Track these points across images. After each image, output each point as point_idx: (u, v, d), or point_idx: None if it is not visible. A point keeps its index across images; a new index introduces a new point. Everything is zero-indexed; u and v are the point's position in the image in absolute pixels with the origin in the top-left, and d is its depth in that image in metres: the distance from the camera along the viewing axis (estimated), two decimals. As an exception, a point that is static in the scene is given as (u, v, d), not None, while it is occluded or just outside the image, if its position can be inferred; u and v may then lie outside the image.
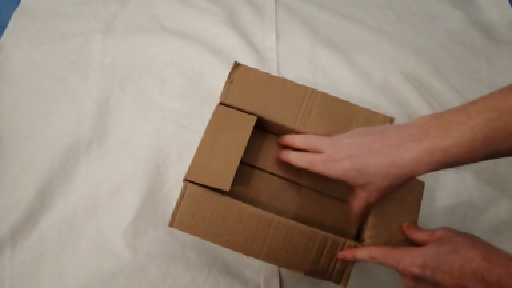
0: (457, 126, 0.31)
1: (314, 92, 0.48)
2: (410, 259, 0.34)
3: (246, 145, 0.44)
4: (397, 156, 0.34)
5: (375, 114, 0.48)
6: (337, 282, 0.41)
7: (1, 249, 0.50)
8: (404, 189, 0.43)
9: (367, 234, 0.42)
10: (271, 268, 0.51)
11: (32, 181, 0.54)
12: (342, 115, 0.47)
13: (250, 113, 0.46)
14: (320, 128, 0.46)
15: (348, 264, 0.41)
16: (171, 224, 0.41)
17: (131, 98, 0.63)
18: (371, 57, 0.72)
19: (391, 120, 0.49)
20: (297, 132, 0.46)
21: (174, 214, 0.41)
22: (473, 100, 0.32)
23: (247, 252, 0.41)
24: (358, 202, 0.40)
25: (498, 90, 0.31)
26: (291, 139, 0.45)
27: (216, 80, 0.66)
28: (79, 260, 0.50)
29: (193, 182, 0.41)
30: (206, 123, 0.46)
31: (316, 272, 0.41)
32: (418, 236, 0.39)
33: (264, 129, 0.49)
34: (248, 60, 0.69)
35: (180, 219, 0.41)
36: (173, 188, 0.55)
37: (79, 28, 0.71)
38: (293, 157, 0.43)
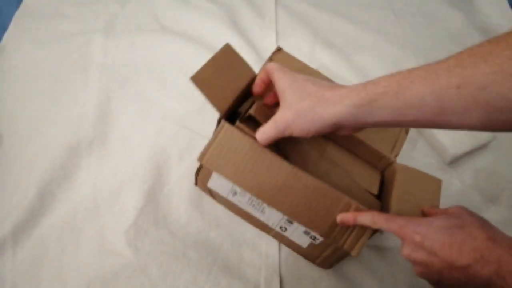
0: (396, 72, 0.32)
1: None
2: (414, 226, 0.34)
3: (243, 87, 0.44)
4: (340, 87, 0.35)
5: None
6: (350, 250, 0.41)
7: (2, 248, 0.50)
8: (423, 184, 0.44)
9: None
10: (272, 267, 0.51)
11: (33, 181, 0.54)
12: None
13: None
14: None
15: (364, 234, 0.40)
16: (201, 159, 0.41)
17: (131, 98, 0.64)
18: (371, 57, 0.73)
19: (406, 130, 0.50)
20: None
21: (206, 150, 0.40)
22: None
23: (269, 201, 0.41)
24: (265, 125, 0.39)
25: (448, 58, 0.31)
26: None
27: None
28: (80, 260, 0.50)
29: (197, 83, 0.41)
30: (207, 123, 0.46)
31: (330, 236, 0.41)
32: (435, 212, 0.39)
33: None
34: (248, 60, 0.68)
35: (211, 157, 0.40)
36: (174, 188, 0.56)
37: (79, 28, 0.71)
38: (268, 66, 0.42)
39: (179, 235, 0.52)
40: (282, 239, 0.49)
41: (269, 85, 0.43)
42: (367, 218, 0.38)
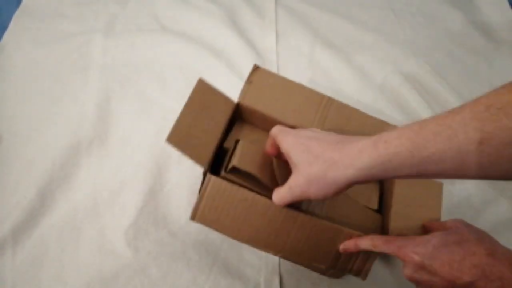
0: (407, 124, 0.30)
1: (330, 99, 0.47)
2: (412, 246, 0.34)
3: (225, 125, 0.43)
4: (348, 145, 0.33)
5: (387, 124, 0.48)
6: (357, 274, 0.41)
7: (2, 248, 0.50)
8: (423, 191, 0.43)
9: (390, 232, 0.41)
10: (272, 267, 0.51)
11: (33, 181, 0.54)
12: (358, 125, 0.47)
13: (267, 116, 0.46)
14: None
15: (368, 260, 0.40)
16: (193, 218, 0.40)
17: (131, 98, 0.64)
18: (371, 57, 0.73)
19: None
20: None
21: (196, 207, 0.39)
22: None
23: (268, 248, 0.40)
24: (280, 189, 0.37)
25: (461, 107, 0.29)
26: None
27: (216, 81, 0.66)
28: (80, 260, 0.50)
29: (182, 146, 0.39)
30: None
31: (335, 266, 0.41)
32: (433, 227, 0.39)
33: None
34: (248, 60, 0.69)
35: (202, 213, 0.39)
36: (174, 188, 0.56)
37: (79, 28, 0.71)
38: (273, 130, 0.40)
39: (179, 235, 0.52)
40: (290, 258, 0.50)
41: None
42: (367, 242, 0.37)
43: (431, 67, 0.69)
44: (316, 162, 0.33)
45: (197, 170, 0.57)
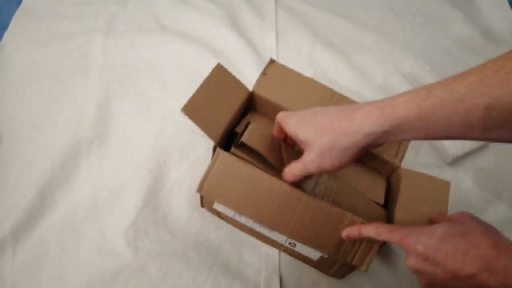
0: (415, 89, 0.30)
1: (341, 96, 0.49)
2: (416, 236, 0.33)
3: (239, 107, 0.44)
4: (352, 112, 0.33)
5: None
6: (359, 265, 0.41)
7: (2, 248, 0.50)
8: (430, 188, 0.43)
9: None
10: (272, 267, 0.51)
11: (33, 181, 0.54)
12: None
13: (279, 106, 0.46)
14: None
15: (372, 248, 0.40)
16: (200, 190, 0.40)
17: (131, 98, 0.64)
18: (371, 57, 0.73)
19: None
20: None
21: (204, 180, 0.40)
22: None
23: (272, 226, 0.41)
24: (294, 166, 0.38)
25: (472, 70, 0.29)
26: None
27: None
28: (80, 260, 0.50)
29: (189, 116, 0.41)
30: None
31: (338, 253, 0.41)
32: (439, 219, 0.39)
33: None
34: (248, 60, 0.69)
35: (209, 186, 0.40)
36: (174, 187, 0.56)
37: (79, 28, 0.71)
38: (277, 116, 0.40)
39: (179, 235, 0.52)
40: (293, 253, 0.49)
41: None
42: (371, 230, 0.37)
43: (431, 67, 0.69)
44: (324, 134, 0.33)
45: (198, 170, 0.57)
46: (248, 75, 0.67)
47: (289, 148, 0.43)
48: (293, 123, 0.37)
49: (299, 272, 0.51)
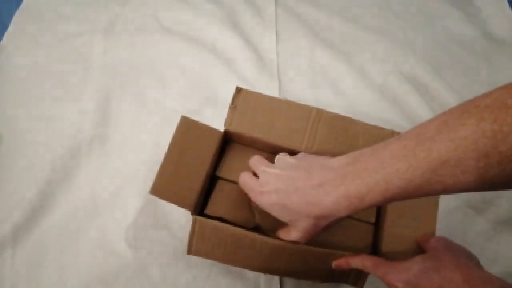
0: (370, 174, 0.31)
1: (319, 111, 0.46)
2: (395, 274, 0.35)
3: (211, 161, 0.44)
4: (317, 197, 0.34)
5: (382, 130, 0.46)
6: (354, 285, 0.42)
7: (2, 248, 0.50)
8: (418, 205, 0.43)
9: (382, 251, 0.42)
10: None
11: (33, 181, 0.54)
12: (348, 134, 0.46)
13: (256, 139, 0.46)
14: (327, 148, 0.45)
15: (362, 274, 0.42)
16: (189, 253, 0.42)
17: (131, 98, 0.64)
18: (371, 57, 0.73)
19: (397, 134, 0.47)
20: None
21: (190, 244, 0.42)
22: (388, 140, 0.32)
23: (265, 271, 0.43)
24: (288, 237, 0.40)
25: (415, 129, 0.30)
26: (251, 160, 0.43)
27: (216, 81, 0.66)
28: (80, 260, 0.50)
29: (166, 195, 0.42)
30: (207, 123, 0.46)
31: (331, 280, 0.43)
32: (421, 244, 0.40)
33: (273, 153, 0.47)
34: (248, 60, 0.69)
35: (196, 249, 0.42)
36: (173, 188, 0.56)
37: (79, 28, 0.71)
38: (240, 179, 0.41)
39: (179, 235, 0.52)
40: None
41: None
42: (358, 262, 0.39)
43: (431, 67, 0.69)
44: (302, 218, 0.36)
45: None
46: (248, 75, 0.67)
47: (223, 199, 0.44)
48: (261, 201, 0.38)
49: (299, 272, 0.51)
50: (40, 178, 0.54)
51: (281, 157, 0.41)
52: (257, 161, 0.41)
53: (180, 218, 0.53)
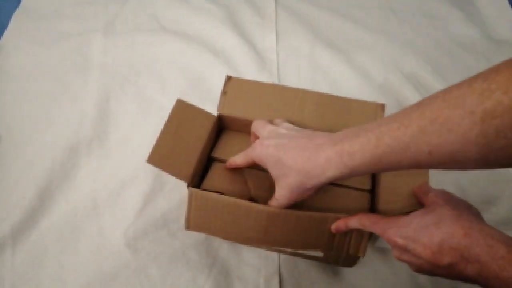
0: (365, 133, 0.32)
1: (305, 91, 0.49)
2: (395, 229, 0.35)
3: (206, 140, 0.45)
4: (314, 153, 0.35)
5: (366, 103, 0.49)
6: (355, 253, 0.42)
7: (1, 248, 0.50)
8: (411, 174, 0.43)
9: (380, 209, 0.42)
10: (272, 267, 0.51)
11: (32, 181, 0.54)
12: (336, 109, 0.48)
13: (248, 120, 0.47)
14: (316, 124, 0.47)
15: (363, 236, 0.41)
16: (187, 228, 0.43)
17: (131, 98, 0.64)
18: (371, 57, 0.73)
19: (382, 107, 0.50)
20: None
21: (188, 218, 0.42)
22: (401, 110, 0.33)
23: (262, 243, 0.42)
24: (271, 202, 0.41)
25: (419, 103, 0.31)
26: (255, 123, 0.45)
27: (216, 80, 0.66)
28: (79, 260, 0.50)
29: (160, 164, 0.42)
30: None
31: (332, 248, 0.42)
32: (419, 194, 0.40)
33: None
34: (248, 60, 0.69)
35: (194, 222, 0.42)
36: (173, 188, 0.56)
37: (79, 28, 0.71)
38: (255, 123, 0.43)
39: (179, 235, 0.52)
40: (298, 255, 0.50)
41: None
42: (356, 222, 0.39)
43: (431, 67, 0.69)
44: (291, 173, 0.36)
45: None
46: (248, 75, 0.67)
47: (253, 171, 0.45)
48: (260, 155, 0.39)
49: (299, 272, 0.51)
50: (40, 178, 0.54)
51: (286, 123, 0.43)
52: (260, 123, 0.42)
53: (180, 218, 0.53)
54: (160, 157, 0.42)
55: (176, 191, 0.55)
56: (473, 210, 0.36)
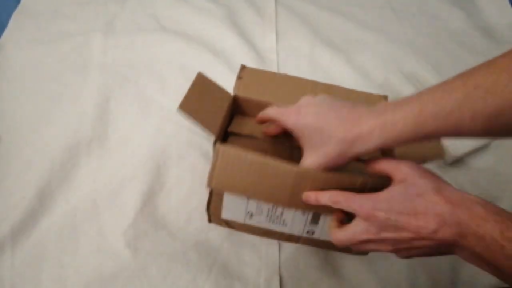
0: (407, 103, 0.33)
1: (315, 82, 0.52)
2: (374, 204, 0.34)
3: (226, 109, 0.47)
4: (356, 124, 0.35)
5: (371, 94, 0.52)
6: None
7: (1, 248, 0.50)
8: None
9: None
10: (272, 267, 0.51)
11: (32, 181, 0.54)
12: (344, 99, 0.48)
13: (263, 102, 0.49)
14: None
15: None
16: (209, 184, 0.41)
17: (131, 98, 0.64)
18: (371, 57, 0.72)
19: (385, 98, 0.52)
20: None
21: (211, 174, 0.41)
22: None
23: (287, 205, 0.42)
24: (307, 162, 0.39)
25: (465, 73, 0.33)
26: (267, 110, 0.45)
27: (216, 80, 0.66)
28: (79, 260, 0.50)
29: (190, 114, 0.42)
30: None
31: None
32: (382, 165, 0.38)
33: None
34: (248, 60, 0.69)
35: (217, 179, 0.41)
36: (173, 188, 0.55)
37: (79, 28, 0.71)
38: (268, 111, 0.43)
39: (179, 236, 0.52)
40: (312, 242, 0.49)
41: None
42: (327, 198, 0.37)
43: (431, 67, 0.69)
44: (330, 142, 0.36)
45: (197, 170, 0.57)
46: (248, 75, 0.67)
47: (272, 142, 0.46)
48: (296, 122, 0.39)
49: (299, 272, 0.51)
50: (40, 178, 0.54)
51: (321, 94, 0.41)
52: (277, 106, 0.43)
53: (180, 218, 0.53)
54: (191, 107, 0.42)
55: (175, 191, 0.55)
56: (442, 178, 0.37)
